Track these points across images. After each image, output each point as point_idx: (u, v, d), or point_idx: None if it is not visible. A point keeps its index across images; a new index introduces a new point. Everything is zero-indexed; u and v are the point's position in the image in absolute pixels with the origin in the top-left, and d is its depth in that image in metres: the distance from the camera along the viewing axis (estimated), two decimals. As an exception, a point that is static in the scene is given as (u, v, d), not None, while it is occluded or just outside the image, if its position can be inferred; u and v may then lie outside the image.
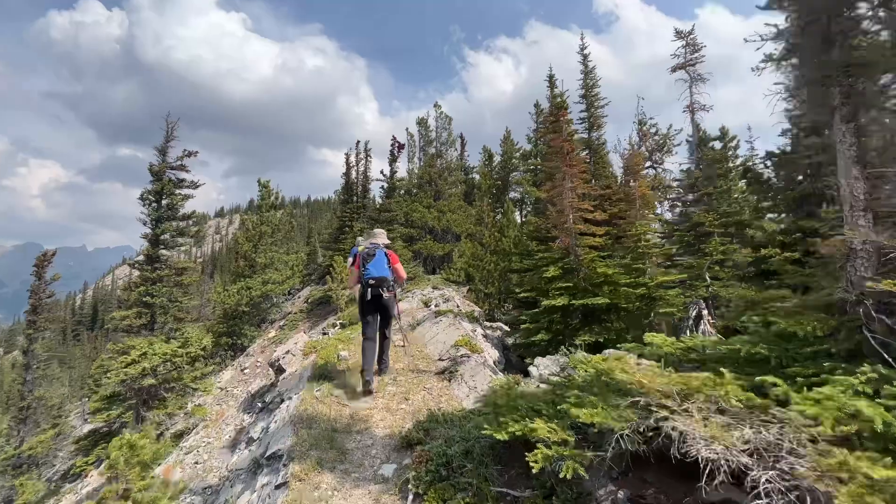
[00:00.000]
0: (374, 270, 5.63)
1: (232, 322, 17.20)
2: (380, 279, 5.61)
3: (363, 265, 5.66)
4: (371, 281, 5.55)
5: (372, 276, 5.58)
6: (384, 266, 5.74)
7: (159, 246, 16.41)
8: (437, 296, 12.11)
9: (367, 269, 5.63)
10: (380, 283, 5.60)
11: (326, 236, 34.67)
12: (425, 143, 28.53)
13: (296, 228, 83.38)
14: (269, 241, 18.35)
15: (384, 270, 5.71)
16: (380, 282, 5.60)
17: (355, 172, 26.32)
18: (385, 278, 5.67)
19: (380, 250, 5.79)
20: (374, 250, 5.75)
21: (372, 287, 5.55)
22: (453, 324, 8.54)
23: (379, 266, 5.69)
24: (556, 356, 5.53)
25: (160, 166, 16.53)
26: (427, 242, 22.24)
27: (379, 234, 6.09)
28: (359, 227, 22.86)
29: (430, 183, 25.74)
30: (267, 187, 18.06)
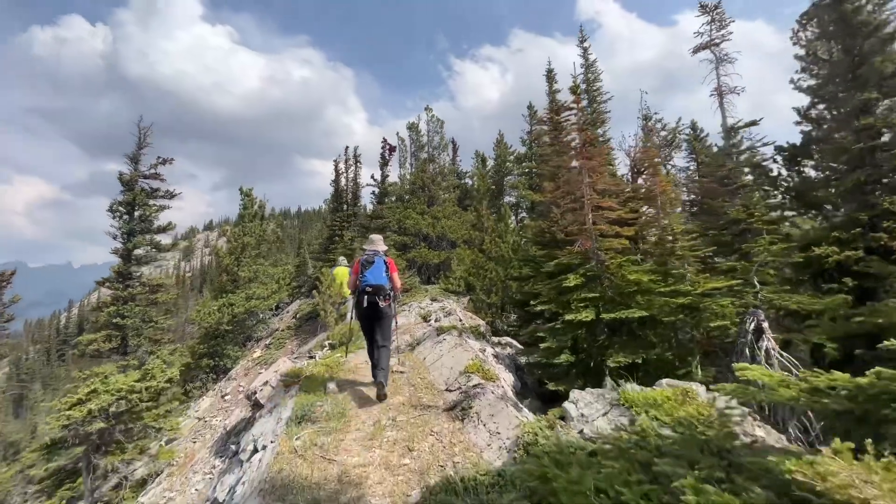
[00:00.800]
0: (372, 278, 5.50)
1: (213, 342, 15.76)
2: (377, 287, 5.48)
3: (361, 272, 5.53)
4: (368, 288, 5.43)
5: (369, 283, 5.46)
6: (382, 274, 5.61)
7: (131, 262, 14.96)
8: (436, 309, 10.85)
9: (364, 276, 5.50)
10: (376, 290, 5.47)
11: (317, 247, 33.29)
12: (416, 148, 27.37)
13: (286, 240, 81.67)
14: (252, 253, 16.98)
15: (381, 278, 5.58)
16: (376, 290, 5.48)
17: (345, 179, 25.08)
18: (382, 286, 5.53)
19: (379, 258, 5.67)
20: (373, 257, 5.64)
21: (368, 294, 5.42)
22: (459, 343, 7.29)
23: (377, 274, 5.56)
24: (602, 391, 4.30)
25: (131, 175, 15.15)
26: (422, 250, 20.99)
27: (377, 241, 5.97)
28: (349, 235, 21.58)
29: (423, 188, 24.59)
30: (249, 195, 16.74)
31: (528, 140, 28.56)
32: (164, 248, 15.68)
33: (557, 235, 13.51)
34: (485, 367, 6.07)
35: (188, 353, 15.80)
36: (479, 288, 13.63)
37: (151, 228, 15.37)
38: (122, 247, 14.84)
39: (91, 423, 6.96)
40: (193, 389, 15.01)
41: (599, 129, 14.20)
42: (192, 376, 15.38)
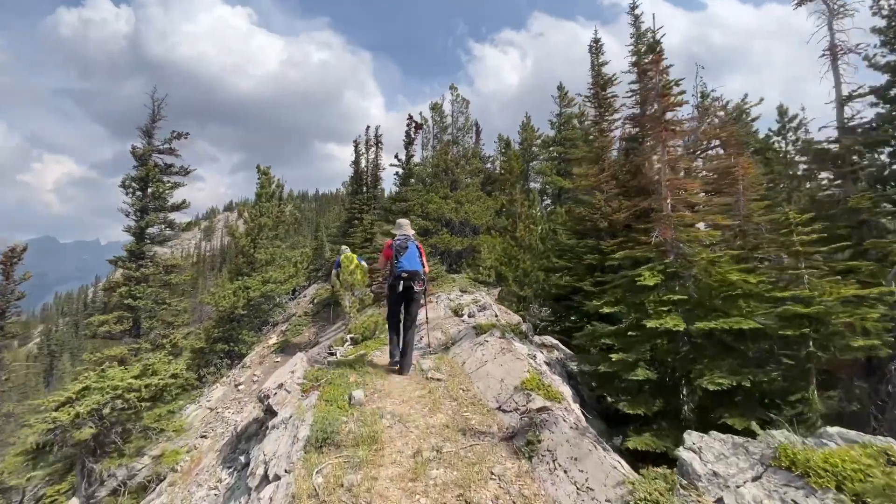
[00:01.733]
0: (408, 264, 5.53)
1: (228, 326, 14.90)
2: (412, 272, 5.53)
3: (396, 258, 5.54)
4: (404, 274, 5.48)
5: (405, 269, 5.50)
6: (416, 259, 5.64)
7: (145, 240, 14.09)
8: (468, 302, 9.69)
9: (399, 262, 5.52)
10: (412, 276, 5.51)
11: (335, 230, 32.36)
12: (440, 129, 25.92)
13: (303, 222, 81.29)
14: (269, 234, 15.99)
15: (416, 264, 5.62)
16: (412, 275, 5.51)
17: (365, 161, 23.87)
18: (417, 272, 5.57)
19: (412, 243, 5.69)
20: (406, 242, 5.64)
21: (404, 280, 5.47)
22: (506, 347, 6.11)
23: (412, 259, 5.59)
24: (740, 439, 3.08)
25: (144, 149, 14.16)
26: (444, 236, 19.78)
27: (405, 225, 5.98)
28: (369, 219, 20.49)
29: (446, 172, 23.27)
30: (267, 174, 15.67)
31: (556, 123, 26.92)
32: (179, 226, 14.78)
33: (599, 224, 12.15)
34: (545, 383, 4.88)
35: (203, 337, 15.00)
36: (510, 279, 12.41)
37: (165, 206, 14.45)
38: (135, 224, 13.96)
39: (80, 427, 6.04)
40: (207, 375, 14.22)
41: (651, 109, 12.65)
42: (206, 361, 14.59)
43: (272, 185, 15.85)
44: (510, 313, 10.15)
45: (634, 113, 9.00)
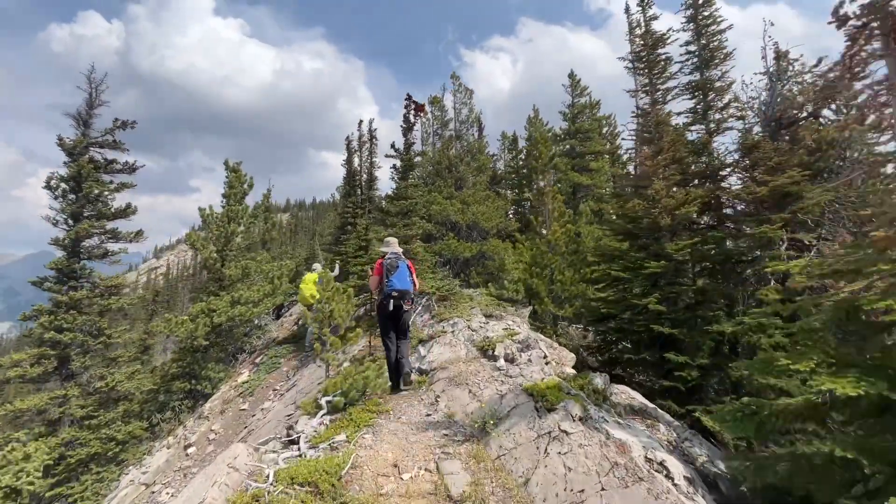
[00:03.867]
0: (398, 283, 5.37)
1: (190, 359, 11.76)
2: (403, 292, 5.36)
3: (386, 277, 5.39)
4: (394, 293, 5.30)
5: (396, 288, 5.32)
6: (407, 279, 5.49)
7: (79, 255, 10.94)
8: (500, 334, 6.61)
9: (390, 280, 5.36)
10: (402, 295, 5.35)
11: (329, 238, 29.32)
12: (440, 125, 22.97)
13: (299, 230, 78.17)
14: (241, 244, 12.90)
15: (407, 283, 5.45)
16: (402, 294, 5.35)
17: (358, 160, 20.85)
18: (408, 291, 5.42)
19: (402, 262, 5.54)
20: (396, 261, 5.48)
21: (395, 299, 5.29)
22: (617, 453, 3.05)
23: (402, 279, 5.43)
24: None
25: (76, 141, 11.06)
26: (450, 242, 16.72)
27: (394, 243, 5.84)
28: (363, 223, 17.42)
29: (450, 169, 20.30)
30: (236, 171, 12.62)
31: (569, 114, 24.01)
32: (126, 237, 11.67)
33: (661, 220, 9.15)
34: None
35: (158, 375, 11.86)
36: (544, 294, 9.34)
37: (106, 212, 11.33)
38: (66, 235, 10.84)
39: None
40: (162, 423, 11.05)
41: (713, 72, 9.66)
42: (160, 405, 11.42)
43: (243, 185, 12.77)
44: (557, 347, 7.08)
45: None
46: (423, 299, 9.28)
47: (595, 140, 22.80)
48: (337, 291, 5.69)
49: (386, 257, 5.52)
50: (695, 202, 8.51)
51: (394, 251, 5.65)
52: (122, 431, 10.00)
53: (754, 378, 6.58)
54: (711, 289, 8.38)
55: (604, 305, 9.04)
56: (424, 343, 7.49)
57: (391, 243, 5.81)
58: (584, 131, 22.82)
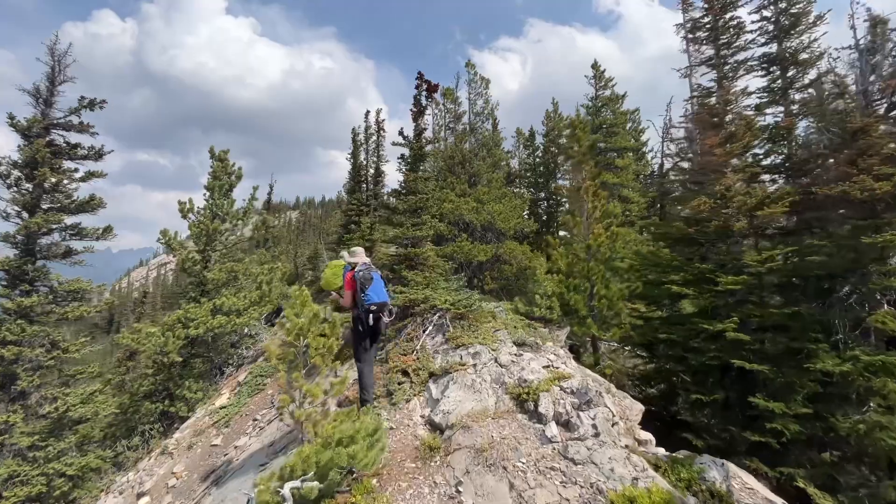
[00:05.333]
0: (376, 296, 4.99)
1: (164, 375, 10.05)
2: (381, 304, 5.01)
3: (362, 290, 4.96)
4: (373, 307, 4.93)
5: (374, 301, 4.96)
6: (383, 290, 5.15)
7: (34, 254, 9.27)
8: (541, 375, 4.75)
9: (367, 294, 4.95)
10: (381, 308, 5.00)
11: (334, 237, 27.68)
12: (453, 118, 21.09)
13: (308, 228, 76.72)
14: (226, 243, 11.16)
15: (384, 295, 5.11)
16: (381, 307, 5.00)
17: (364, 153, 19.06)
18: (386, 303, 5.08)
19: (376, 273, 5.21)
20: (369, 273, 5.12)
21: (374, 313, 4.92)
22: None
23: (379, 290, 5.07)
24: None
25: (31, 121, 9.39)
26: (462, 244, 14.92)
27: (361, 254, 5.44)
28: (367, 222, 15.68)
29: (463, 164, 18.49)
30: (223, 160, 10.86)
31: (592, 107, 21.99)
32: (91, 234, 9.99)
33: (734, 223, 7.15)
34: None
35: (127, 394, 10.19)
36: (583, 312, 7.44)
37: (68, 205, 9.65)
38: (20, 229, 9.18)
39: None
40: (128, 451, 9.34)
41: (791, 42, 7.68)
42: (127, 429, 9.73)
43: (230, 176, 11.02)
44: (613, 391, 5.18)
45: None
46: (436, 316, 7.44)
47: (621, 135, 20.79)
48: (314, 317, 3.87)
49: (357, 269, 5.13)
50: (782, 201, 6.56)
51: (363, 262, 5.26)
52: (76, 465, 8.30)
53: (880, 438, 4.65)
54: (808, 313, 6.41)
55: (662, 328, 7.12)
56: (437, 380, 5.64)
57: (358, 253, 5.43)
58: (609, 125, 20.80)
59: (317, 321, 3.89)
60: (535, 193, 23.78)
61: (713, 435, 6.27)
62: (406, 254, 8.98)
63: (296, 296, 4.08)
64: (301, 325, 3.84)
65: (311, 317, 3.90)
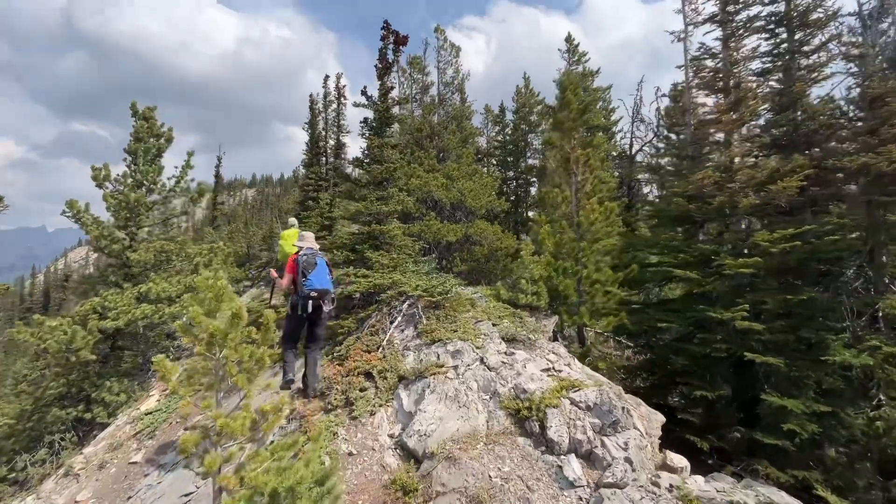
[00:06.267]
0: (317, 282, 4.76)
1: (77, 375, 8.35)
2: (322, 291, 4.79)
3: (303, 275, 4.75)
4: (313, 294, 4.69)
5: (314, 287, 4.73)
6: (326, 276, 4.93)
7: None
8: (544, 383, 3.71)
9: (308, 279, 4.74)
10: (322, 295, 4.78)
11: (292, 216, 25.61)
12: (420, 90, 19.51)
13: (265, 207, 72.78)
14: (155, 218, 9.39)
15: (327, 282, 4.88)
16: (322, 294, 4.78)
17: (323, 123, 17.23)
18: (328, 291, 4.86)
19: (321, 258, 4.98)
20: (314, 258, 4.90)
21: (314, 300, 4.68)
22: None
23: (321, 277, 4.85)
24: None
25: None
26: (431, 222, 13.76)
27: (309, 238, 5.29)
28: (326, 198, 14.12)
29: (431, 137, 17.18)
30: (149, 119, 8.99)
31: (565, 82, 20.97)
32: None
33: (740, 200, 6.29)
34: None
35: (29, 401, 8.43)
36: (574, 299, 6.50)
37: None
38: None
39: None
40: (30, 468, 7.66)
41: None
42: (30, 441, 8.01)
43: (160, 139, 9.16)
44: (639, 404, 4.22)
45: None
46: (405, 305, 6.26)
47: (593, 112, 20.02)
48: (235, 317, 2.60)
49: (301, 253, 4.94)
50: (796, 175, 5.80)
51: (310, 246, 5.10)
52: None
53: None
54: (822, 300, 5.74)
55: (659, 316, 6.29)
56: (409, 385, 4.50)
57: (306, 238, 5.28)
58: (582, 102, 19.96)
59: (239, 323, 2.64)
60: (504, 172, 22.79)
61: (717, 435, 5.56)
62: (370, 231, 7.67)
63: (205, 286, 2.77)
64: (215, 329, 2.57)
65: (231, 317, 2.64)
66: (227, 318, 2.68)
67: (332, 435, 4.14)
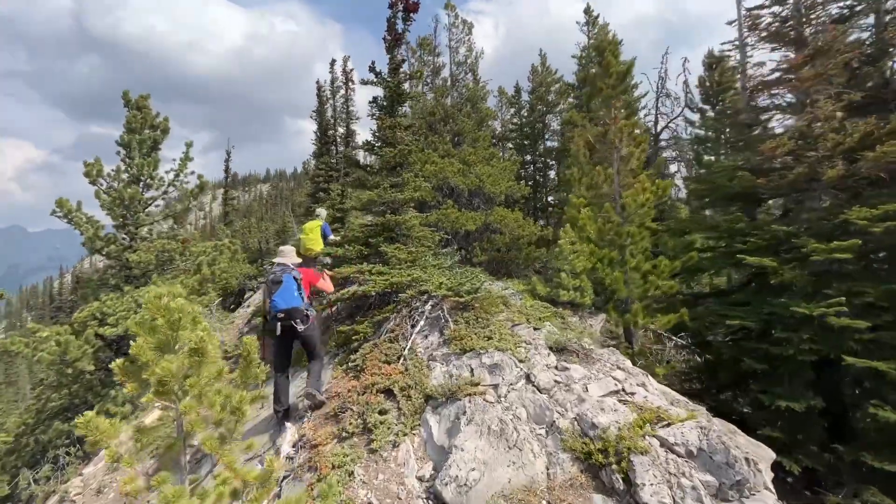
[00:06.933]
0: (281, 301, 4.33)
1: (82, 386, 7.81)
2: (289, 311, 4.32)
3: (269, 295, 4.41)
4: (279, 315, 4.31)
5: (279, 308, 4.31)
6: (293, 294, 4.41)
7: None
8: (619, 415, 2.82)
9: (273, 300, 4.37)
10: (290, 315, 4.33)
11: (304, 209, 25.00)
12: (432, 72, 18.39)
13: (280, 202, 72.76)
14: (155, 215, 8.70)
15: (293, 300, 4.38)
16: (290, 314, 4.33)
17: (332, 110, 16.34)
18: (296, 308, 4.36)
19: (287, 275, 4.47)
20: (280, 275, 4.46)
21: (282, 320, 4.32)
22: None
23: (287, 295, 4.37)
24: None
25: None
26: (448, 210, 12.83)
27: (287, 252, 4.79)
28: (337, 188, 13.31)
29: (445, 121, 16.14)
30: (142, 108, 8.17)
31: (584, 57, 19.63)
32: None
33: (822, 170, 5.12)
34: None
35: (30, 414, 7.91)
36: (623, 293, 5.54)
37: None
38: None
39: None
40: (34, 484, 7.14)
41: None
42: (32, 456, 7.50)
43: (156, 130, 8.41)
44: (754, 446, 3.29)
45: None
46: (428, 306, 5.40)
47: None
48: (196, 352, 1.77)
49: (270, 271, 4.61)
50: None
51: (282, 262, 4.61)
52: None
53: None
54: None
55: (723, 309, 5.29)
56: (439, 408, 3.66)
57: (284, 253, 4.76)
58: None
59: (201, 362, 1.80)
60: (522, 156, 21.61)
61: (808, 454, 4.60)
62: (384, 223, 6.80)
63: (156, 308, 1.92)
64: (165, 370, 1.75)
65: (192, 351, 1.80)
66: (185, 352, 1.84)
67: (347, 476, 3.32)
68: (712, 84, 12.56)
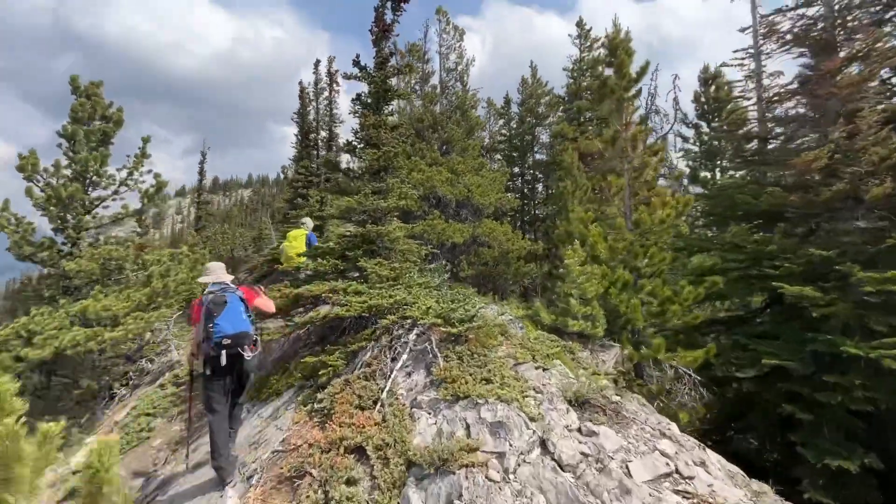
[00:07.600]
0: (228, 325, 3.57)
1: None
2: (238, 336, 3.57)
3: (209, 319, 3.56)
4: (225, 341, 3.51)
5: (225, 333, 3.54)
6: (241, 317, 3.70)
7: None
8: None
9: (216, 324, 3.55)
10: (238, 340, 3.56)
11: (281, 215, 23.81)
12: (421, 80, 17.68)
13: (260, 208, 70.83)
14: (102, 219, 7.57)
15: (241, 323, 3.67)
16: (238, 339, 3.57)
17: (314, 112, 15.41)
18: (246, 333, 3.64)
19: (232, 294, 3.77)
20: (222, 296, 3.70)
21: (227, 347, 3.50)
22: None
23: (234, 318, 3.63)
24: None
25: None
26: (435, 221, 12.01)
27: (218, 270, 4.02)
28: (315, 195, 12.34)
29: (434, 128, 15.44)
30: (92, 97, 7.12)
31: (575, 70, 19.26)
32: None
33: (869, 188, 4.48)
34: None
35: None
36: (641, 323, 4.75)
37: None
38: None
39: None
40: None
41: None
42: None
43: (108, 121, 7.34)
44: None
45: None
46: (412, 335, 4.49)
47: (607, 103, 18.37)
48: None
49: (206, 292, 3.71)
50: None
51: (217, 281, 3.84)
52: None
53: None
54: None
55: (754, 344, 4.55)
56: (425, 482, 2.74)
57: (214, 270, 3.98)
58: (595, 91, 18.23)
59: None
60: (510, 168, 21.03)
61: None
62: (364, 233, 5.89)
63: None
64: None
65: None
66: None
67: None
68: (708, 99, 12.17)
